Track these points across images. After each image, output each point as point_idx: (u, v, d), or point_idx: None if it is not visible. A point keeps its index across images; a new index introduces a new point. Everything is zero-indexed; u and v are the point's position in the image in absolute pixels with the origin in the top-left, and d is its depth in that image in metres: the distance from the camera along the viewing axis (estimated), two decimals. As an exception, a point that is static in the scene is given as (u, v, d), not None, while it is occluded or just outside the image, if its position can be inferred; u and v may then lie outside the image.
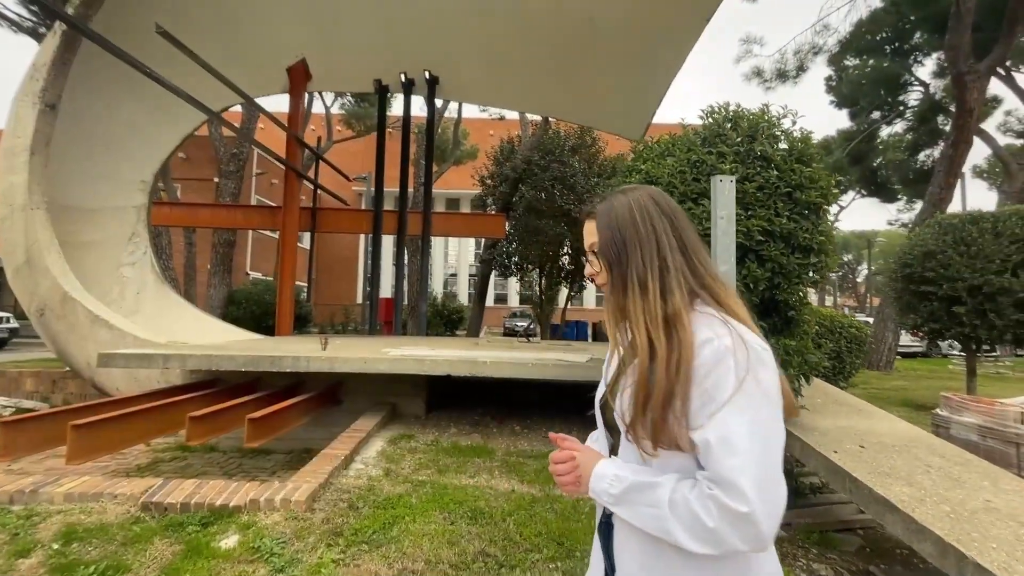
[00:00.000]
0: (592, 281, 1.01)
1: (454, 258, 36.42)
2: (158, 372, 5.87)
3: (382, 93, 9.90)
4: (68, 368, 7.50)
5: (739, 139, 3.24)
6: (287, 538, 2.70)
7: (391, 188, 10.00)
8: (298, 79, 8.89)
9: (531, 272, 13.90)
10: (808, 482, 3.99)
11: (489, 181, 13.47)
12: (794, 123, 3.32)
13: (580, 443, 0.99)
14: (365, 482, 3.55)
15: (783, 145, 3.24)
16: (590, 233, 0.96)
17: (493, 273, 14.64)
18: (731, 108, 3.42)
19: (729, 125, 3.36)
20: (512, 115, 25.28)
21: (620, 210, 0.91)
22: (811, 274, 3.28)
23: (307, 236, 26.84)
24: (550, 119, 13.52)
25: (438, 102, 14.41)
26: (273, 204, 16.56)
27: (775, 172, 3.10)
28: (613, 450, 0.97)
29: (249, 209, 10.94)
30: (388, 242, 9.94)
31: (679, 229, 0.90)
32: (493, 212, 12.02)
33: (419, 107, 10.54)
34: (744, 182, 3.07)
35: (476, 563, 2.59)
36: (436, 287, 32.16)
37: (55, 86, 6.11)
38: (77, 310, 6.01)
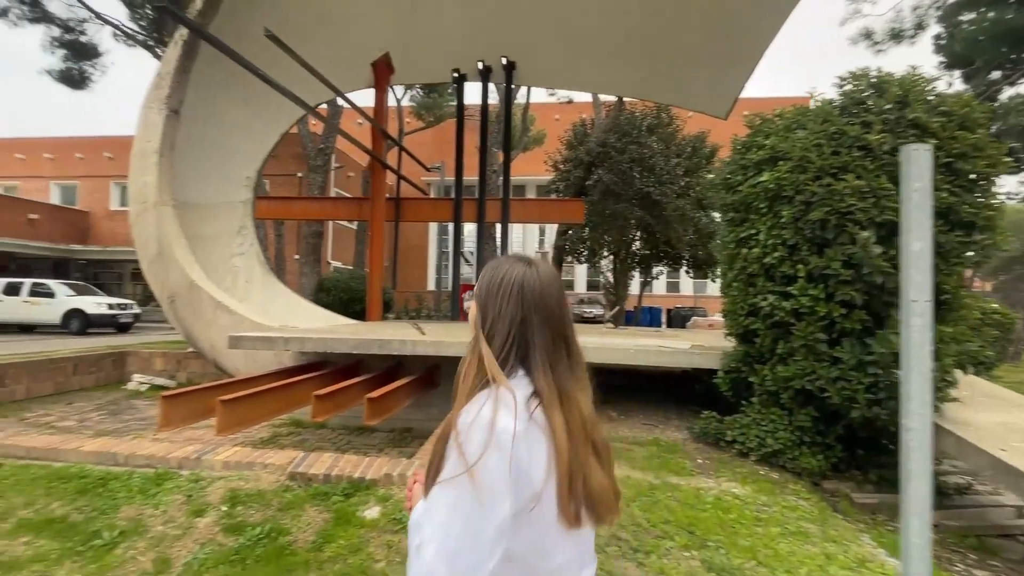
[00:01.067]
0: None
1: (518, 245, 36.60)
2: (274, 354, 6.33)
3: (459, 82, 10.02)
4: (192, 349, 8.30)
5: (887, 106, 2.95)
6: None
7: (464, 177, 10.10)
8: (382, 73, 9.18)
9: (604, 257, 13.60)
10: (953, 482, 3.65)
11: (562, 166, 13.30)
12: (950, 85, 2.97)
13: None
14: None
15: (941, 110, 2.92)
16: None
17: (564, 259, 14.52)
18: (873, 73, 3.12)
19: (873, 92, 3.07)
20: (582, 98, 24.80)
21: (484, 288, 0.91)
22: (972, 253, 2.96)
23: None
24: (625, 99, 13.11)
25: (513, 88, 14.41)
26: (350, 196, 17.33)
27: (932, 141, 2.80)
28: None
29: (337, 201, 11.53)
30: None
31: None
32: (565, 198, 11.85)
33: (486, 95, 10.59)
34: (893, 153, 2.80)
35: (610, 546, 2.60)
36: (502, 274, 32.30)
37: (178, 92, 6.67)
38: (202, 297, 6.59)
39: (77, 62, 14.46)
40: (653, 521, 2.86)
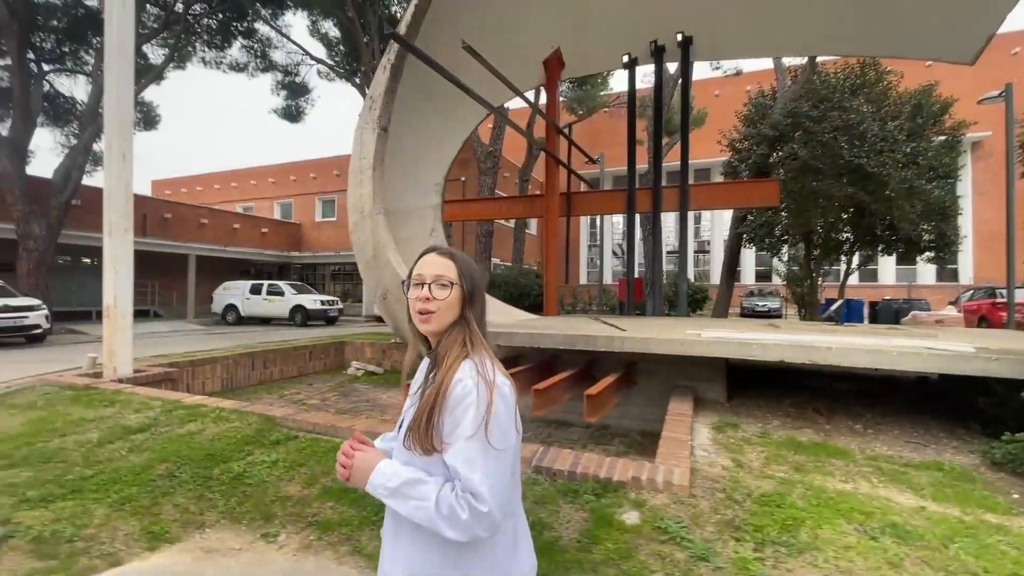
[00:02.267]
0: (423, 303, 1.09)
1: (672, 235, 34.61)
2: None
3: (631, 67, 9.62)
4: (397, 340, 9.32)
5: None
6: (685, 523, 2.65)
7: (615, 167, 9.67)
8: (553, 70, 9.24)
9: (794, 244, 11.90)
10: None
11: (740, 144, 12.00)
12: None
13: (372, 447, 1.12)
14: (720, 471, 3.34)
15: None
16: (441, 266, 1.11)
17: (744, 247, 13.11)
18: None
19: None
20: (751, 67, 22.40)
21: (472, 267, 1.16)
22: None
23: (533, 223, 28.71)
24: (816, 60, 11.32)
25: (672, 69, 13.49)
26: (525, 195, 17.96)
27: None
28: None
29: (512, 200, 12.07)
30: (609, 223, 9.75)
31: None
32: (752, 179, 10.54)
33: (660, 76, 9.95)
34: None
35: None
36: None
37: (386, 112, 7.45)
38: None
39: (294, 99, 17.45)
40: (993, 571, 2.26)
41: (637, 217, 9.63)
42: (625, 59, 9.50)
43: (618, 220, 31.18)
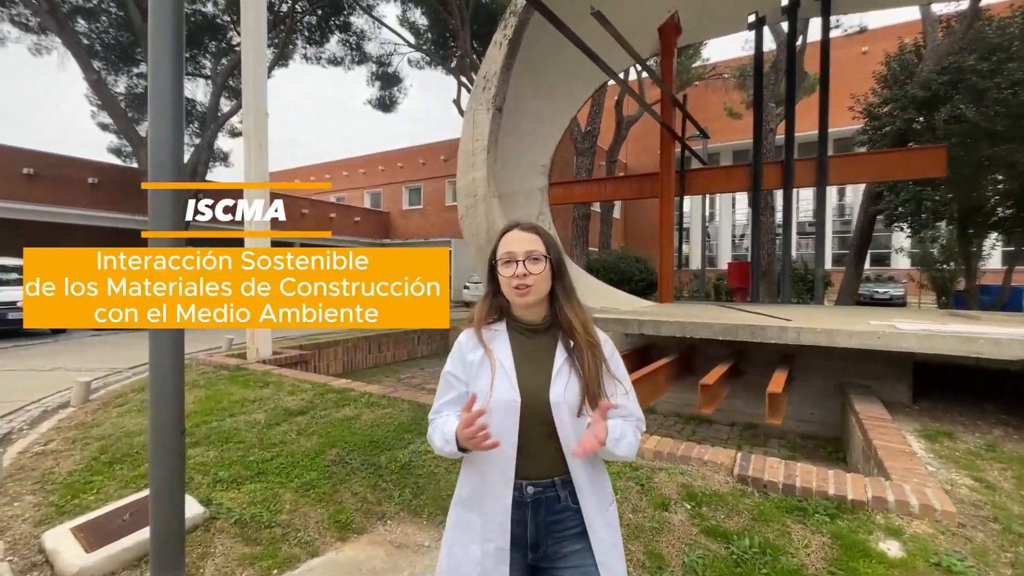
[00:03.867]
0: (519, 279, 1.18)
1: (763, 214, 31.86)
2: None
3: (758, 27, 8.64)
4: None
5: None
6: (970, 562, 2.14)
7: (716, 143, 8.71)
8: (669, 37, 8.51)
9: (952, 222, 10.21)
10: None
11: (878, 110, 10.47)
12: None
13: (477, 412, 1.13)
14: (968, 493, 2.76)
15: None
16: (530, 241, 1.20)
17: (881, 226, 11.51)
18: None
19: None
20: (877, 22, 19.84)
21: (553, 238, 1.28)
22: None
23: (617, 206, 27.69)
24: (981, 3, 9.57)
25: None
26: (637, 174, 17.18)
27: None
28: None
29: (618, 181, 11.50)
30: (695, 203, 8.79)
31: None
32: (912, 147, 9.02)
33: (793, 34, 8.79)
34: None
35: None
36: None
37: (502, 90, 7.18)
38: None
39: (387, 89, 17.84)
40: None
41: (741, 197, 8.71)
42: (752, 19, 8.53)
43: (709, 201, 29.27)
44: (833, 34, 17.74)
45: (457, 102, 15.87)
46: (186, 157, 15.46)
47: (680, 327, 4.62)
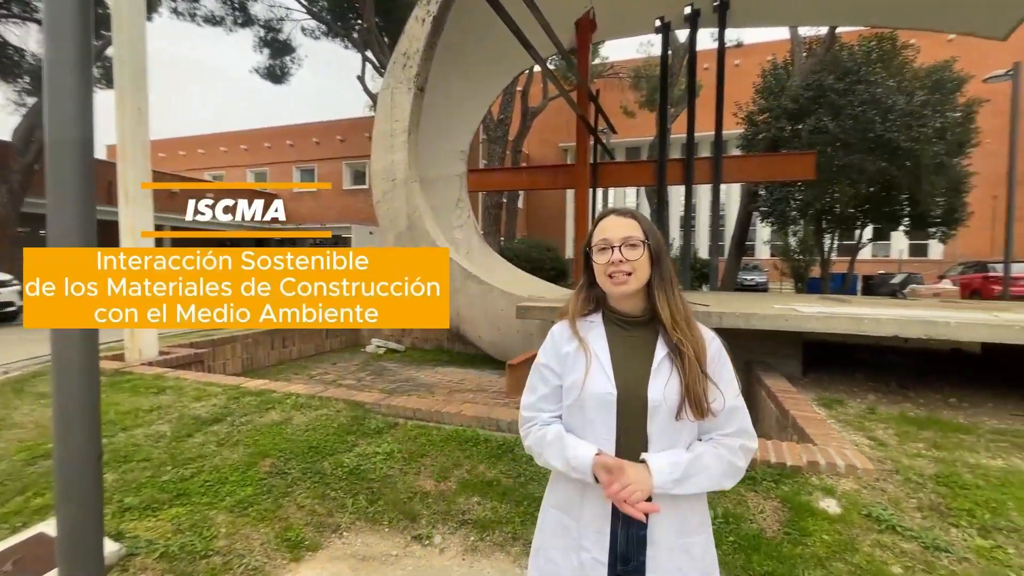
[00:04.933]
0: (615, 267, 1.11)
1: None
2: (521, 323, 6.42)
3: (664, 32, 9.22)
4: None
5: None
6: (890, 510, 2.49)
7: (623, 138, 9.33)
8: (584, 32, 8.74)
9: (810, 220, 11.94)
10: None
11: (759, 117, 11.85)
12: None
13: (619, 460, 1.05)
14: (871, 451, 3.22)
15: None
16: (627, 227, 1.13)
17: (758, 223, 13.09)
18: None
19: None
20: (751, 38, 22.25)
21: (652, 224, 1.19)
22: None
23: (520, 196, 28.17)
24: (837, 31, 11.20)
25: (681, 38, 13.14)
26: (530, 166, 17.26)
27: None
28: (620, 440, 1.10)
29: (535, 170, 11.57)
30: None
31: None
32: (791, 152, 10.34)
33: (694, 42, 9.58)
34: None
35: None
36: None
37: (424, 69, 6.87)
38: (453, 268, 6.87)
39: (278, 58, 16.15)
40: None
41: (643, 191, 9.40)
42: (658, 23, 9.08)
43: (604, 196, 30.95)
44: (714, 46, 19.64)
45: (362, 78, 14.90)
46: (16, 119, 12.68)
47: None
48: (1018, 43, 11.58)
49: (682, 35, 13.10)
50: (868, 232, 13.68)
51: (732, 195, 22.80)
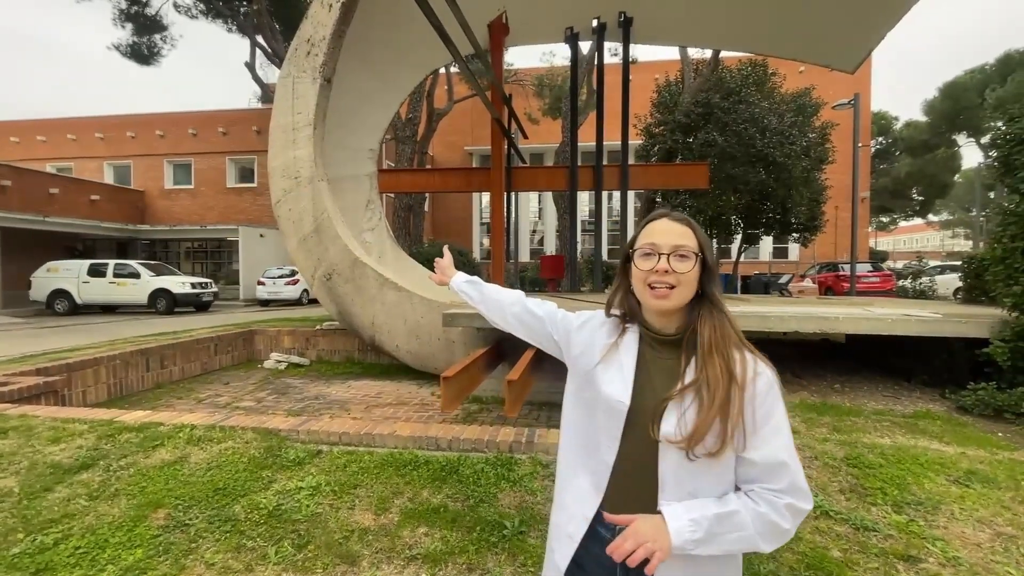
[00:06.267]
0: (659, 276, 0.98)
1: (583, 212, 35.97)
2: (443, 331, 6.17)
3: (573, 41, 9.48)
4: (335, 326, 8.21)
5: None
6: (817, 494, 2.67)
7: (527, 144, 9.62)
8: (497, 35, 8.70)
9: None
10: None
11: (656, 130, 12.72)
12: None
13: (629, 516, 0.94)
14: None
15: None
16: (679, 235, 0.99)
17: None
18: None
19: None
20: (646, 56, 23.82)
21: (707, 237, 1.05)
22: None
23: (427, 198, 27.56)
24: (720, 55, 12.40)
25: (584, 49, 13.73)
26: (442, 168, 16.72)
27: None
28: (622, 457, 0.99)
29: (447, 173, 11.20)
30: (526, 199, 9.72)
31: None
32: (685, 163, 11.17)
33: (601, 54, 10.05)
34: None
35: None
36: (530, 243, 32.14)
37: (332, 59, 6.35)
38: (367, 273, 6.44)
39: (144, 35, 14.07)
40: (1065, 505, 2.66)
41: (547, 195, 9.64)
42: (567, 33, 9.34)
43: (523, 198, 31.41)
44: (610, 60, 20.82)
45: (251, 66, 13.43)
46: None
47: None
48: (860, 76, 13.66)
49: (584, 47, 13.69)
50: (738, 236, 15.32)
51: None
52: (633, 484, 0.99)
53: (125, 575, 2.13)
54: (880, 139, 37.64)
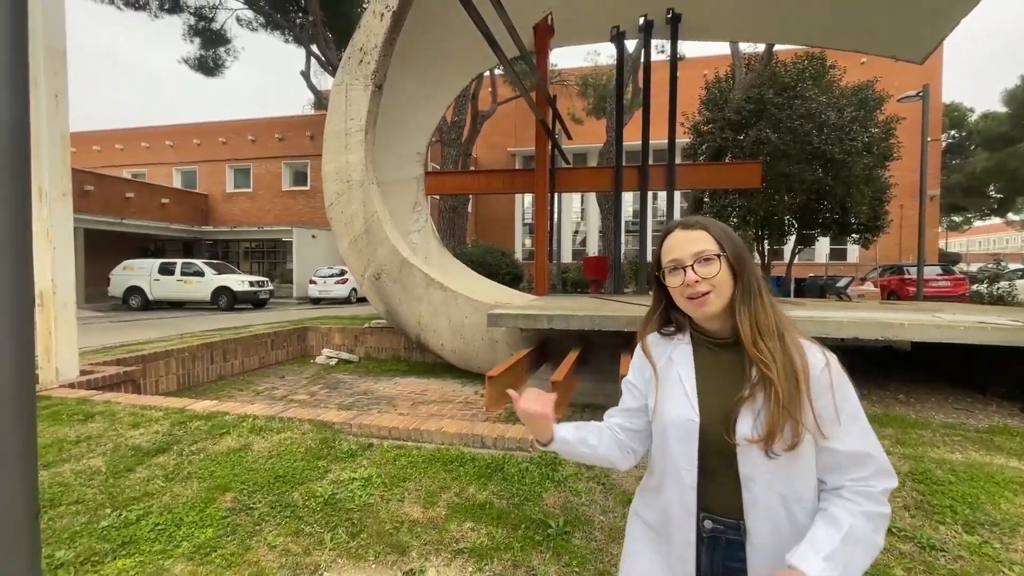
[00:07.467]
0: (692, 288, 0.98)
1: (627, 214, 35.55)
2: (487, 331, 6.24)
3: (619, 40, 9.39)
4: (383, 324, 8.48)
5: None
6: (880, 511, 2.56)
7: (577, 145, 9.52)
8: (543, 36, 8.74)
9: (750, 227, 12.62)
10: None
11: (705, 128, 12.38)
12: None
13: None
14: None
15: None
16: (695, 241, 0.99)
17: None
18: None
19: None
20: (694, 52, 23.26)
21: (727, 229, 1.03)
22: None
23: (471, 200, 27.93)
24: (774, 48, 11.93)
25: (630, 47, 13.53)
26: (486, 169, 17.00)
27: None
28: (702, 472, 0.98)
29: (491, 174, 11.38)
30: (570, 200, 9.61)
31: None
32: (738, 161, 10.82)
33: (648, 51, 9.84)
34: None
35: None
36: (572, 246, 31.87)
37: (383, 67, 6.57)
38: (414, 274, 6.61)
39: (210, 49, 15.03)
40: None
41: (590, 195, 9.52)
42: (613, 32, 9.25)
43: (565, 198, 31.37)
44: (657, 57, 20.42)
45: (306, 74, 14.12)
46: None
47: (590, 320, 4.75)
48: (929, 66, 12.79)
49: (630, 45, 13.48)
50: (792, 237, 14.64)
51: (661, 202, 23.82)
52: (722, 480, 0.98)
53: (198, 551, 2.30)
54: (953, 133, 35.01)
